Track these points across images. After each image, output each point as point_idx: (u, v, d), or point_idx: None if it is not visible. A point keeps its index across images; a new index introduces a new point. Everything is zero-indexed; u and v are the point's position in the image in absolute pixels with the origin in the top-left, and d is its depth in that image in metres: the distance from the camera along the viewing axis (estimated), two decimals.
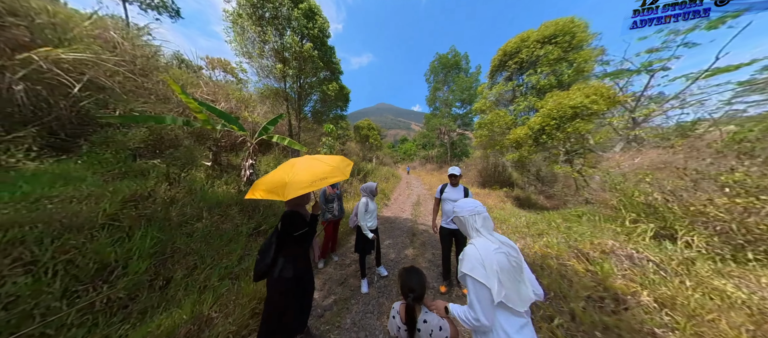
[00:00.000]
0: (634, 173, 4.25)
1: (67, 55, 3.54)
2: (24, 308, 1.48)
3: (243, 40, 8.02)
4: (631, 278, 2.43)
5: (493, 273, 0.89)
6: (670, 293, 2.07)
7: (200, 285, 2.32)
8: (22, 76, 3.06)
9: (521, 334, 0.89)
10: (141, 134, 4.01)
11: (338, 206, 3.44)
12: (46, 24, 3.82)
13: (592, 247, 3.04)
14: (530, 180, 9.66)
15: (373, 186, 2.93)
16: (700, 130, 5.52)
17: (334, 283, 3.06)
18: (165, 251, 2.47)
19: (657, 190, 3.47)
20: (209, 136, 5.38)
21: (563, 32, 8.70)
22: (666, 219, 3.20)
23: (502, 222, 5.47)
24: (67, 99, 3.54)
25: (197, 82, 7.12)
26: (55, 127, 3.44)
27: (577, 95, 6.23)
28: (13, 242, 1.66)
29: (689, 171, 3.37)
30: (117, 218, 2.42)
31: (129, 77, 4.72)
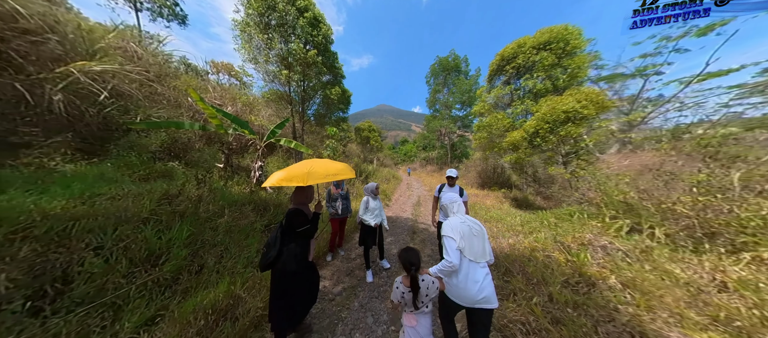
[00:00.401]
0: (618, 174, 4.61)
1: (98, 67, 3.89)
2: (98, 282, 1.84)
3: (250, 47, 8.38)
4: (603, 265, 2.78)
5: (457, 234, 1.45)
6: (632, 276, 2.42)
7: (229, 271, 2.68)
8: (62, 87, 3.41)
9: (481, 275, 1.40)
10: (160, 138, 4.35)
11: (343, 205, 3.69)
12: (77, 38, 4.16)
13: (573, 240, 3.39)
14: (528, 181, 10.01)
15: (373, 186, 3.28)
16: (699, 131, 5.72)
17: (342, 274, 3.41)
18: (197, 242, 2.82)
19: (633, 189, 3.82)
20: (218, 139, 5.73)
21: (557, 39, 9.06)
22: (641, 215, 3.55)
23: (498, 221, 5.82)
24: (95, 106, 3.88)
25: (205, 87, 7.47)
26: (84, 133, 3.79)
27: (569, 100, 6.59)
28: (86, 230, 2.02)
29: (662, 172, 3.72)
30: (156, 213, 2.77)
31: (145, 84, 5.08)
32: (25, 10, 3.37)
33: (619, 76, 9.90)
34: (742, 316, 1.85)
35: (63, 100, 3.48)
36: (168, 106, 5.96)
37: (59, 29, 3.91)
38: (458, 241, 1.42)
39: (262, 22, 8.02)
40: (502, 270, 3.30)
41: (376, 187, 3.32)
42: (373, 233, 3.14)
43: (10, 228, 1.78)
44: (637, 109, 9.16)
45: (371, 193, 3.23)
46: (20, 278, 1.60)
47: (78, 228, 2.00)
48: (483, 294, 1.33)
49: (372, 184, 3.30)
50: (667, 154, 4.78)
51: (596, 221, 4.09)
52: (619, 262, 2.70)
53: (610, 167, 6.10)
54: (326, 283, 3.11)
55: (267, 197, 4.95)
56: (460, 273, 1.39)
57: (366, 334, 2.23)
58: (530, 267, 3.17)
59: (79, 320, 1.62)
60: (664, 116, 8.47)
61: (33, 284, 1.64)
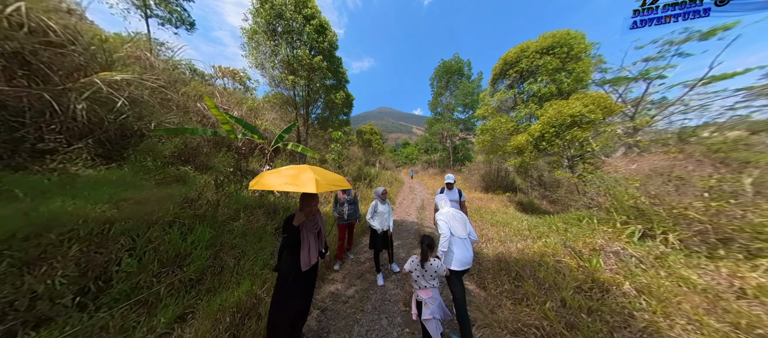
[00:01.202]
0: (627, 178, 4.61)
1: (118, 77, 4.04)
2: (133, 281, 1.92)
3: (257, 54, 8.58)
4: (617, 271, 2.79)
5: (447, 217, 2.21)
6: (647, 282, 2.43)
7: (248, 272, 2.74)
8: (86, 96, 3.54)
9: (470, 248, 2.13)
10: (174, 143, 4.47)
11: (350, 210, 3.64)
12: (98, 49, 4.33)
13: (584, 246, 3.40)
14: (533, 185, 9.98)
15: (379, 191, 3.38)
16: (705, 134, 5.71)
17: (353, 277, 3.45)
18: (217, 244, 2.89)
19: (644, 194, 3.82)
20: (225, 143, 5.86)
21: (560, 44, 9.13)
22: (652, 220, 3.55)
23: (504, 226, 5.82)
24: (113, 113, 4.02)
25: (213, 92, 7.65)
26: (103, 139, 3.92)
27: (576, 104, 6.62)
28: (121, 232, 2.11)
29: (673, 176, 3.73)
30: (179, 216, 2.86)
31: (158, 91, 5.24)
32: (53, 24, 3.53)
33: (623, 79, 9.91)
34: (763, 324, 1.85)
35: (85, 109, 3.62)
36: (178, 111, 6.12)
37: (81, 41, 4.08)
38: (448, 221, 2.16)
39: (269, 30, 8.22)
40: (512, 274, 3.32)
41: (384, 192, 3.39)
42: (382, 237, 3.21)
43: (61, 230, 1.90)
44: (642, 112, 9.15)
45: (378, 197, 3.34)
46: (71, 275, 1.70)
47: (115, 230, 2.10)
48: (470, 257, 2.10)
49: (380, 189, 3.39)
50: (676, 158, 4.79)
51: (607, 226, 4.08)
52: (632, 268, 2.70)
53: (617, 171, 6.09)
54: (338, 286, 3.15)
55: (276, 201, 5.03)
56: (458, 248, 2.08)
57: (382, 336, 2.26)
58: (541, 272, 3.18)
59: (121, 315, 1.71)
60: (668, 119, 8.45)
61: (79, 281, 1.73)
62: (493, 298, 2.90)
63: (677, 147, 5.79)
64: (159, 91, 5.42)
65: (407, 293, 2.97)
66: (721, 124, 6.32)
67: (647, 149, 7.19)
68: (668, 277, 2.45)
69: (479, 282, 3.40)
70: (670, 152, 5.61)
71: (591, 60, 9.10)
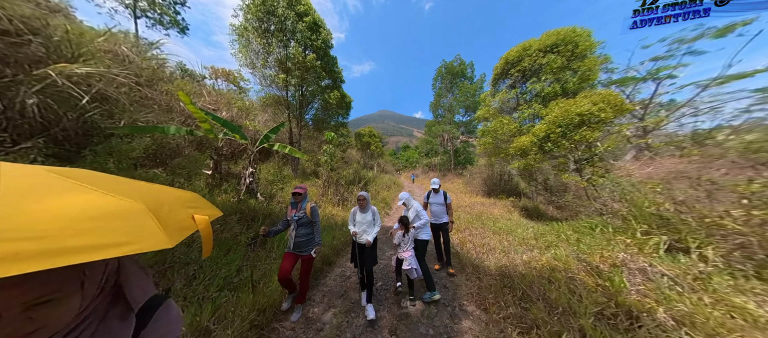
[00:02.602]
0: (644, 183, 4.12)
1: (80, 70, 3.68)
2: None
3: (247, 52, 8.27)
4: (645, 293, 2.29)
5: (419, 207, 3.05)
6: (688, 310, 1.94)
7: (199, 296, 2.28)
8: (37, 90, 3.18)
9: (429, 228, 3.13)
10: (144, 143, 4.08)
11: (301, 234, 2.37)
12: (63, 41, 4.00)
13: (602, 260, 2.91)
14: (538, 189, 9.47)
15: (359, 195, 2.79)
16: (720, 137, 5.31)
17: (334, 296, 2.97)
18: (164, 261, 2.44)
19: (668, 201, 3.33)
20: (210, 144, 5.47)
21: (565, 41, 8.73)
22: (680, 231, 3.06)
23: (508, 234, 5.33)
24: (74, 110, 3.65)
25: (200, 91, 7.31)
26: (60, 138, 3.53)
27: (583, 103, 6.17)
28: None
29: (703, 181, 3.24)
30: None
31: (135, 88, 4.88)
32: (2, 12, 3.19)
33: (631, 79, 9.46)
34: None
35: (37, 104, 3.25)
36: (159, 110, 5.75)
37: (44, 32, 3.74)
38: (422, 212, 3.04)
39: (260, 27, 7.92)
40: (518, 293, 2.83)
41: (364, 197, 2.77)
42: (366, 250, 2.64)
43: None
44: (650, 113, 8.68)
45: (358, 203, 2.79)
46: None
47: None
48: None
49: (362, 193, 2.83)
50: (700, 160, 4.30)
51: (624, 236, 3.59)
52: (665, 290, 2.21)
53: (630, 174, 5.60)
54: (315, 309, 2.68)
55: (256, 205, 4.59)
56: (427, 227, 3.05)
57: None
58: (552, 291, 2.69)
59: None
60: (678, 121, 7.98)
61: None
62: (495, 325, 2.42)
63: (697, 149, 5.31)
64: (136, 88, 5.07)
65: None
66: (736, 127, 5.87)
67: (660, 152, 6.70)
68: (715, 305, 1.96)
69: (479, 301, 2.91)
70: (690, 154, 5.12)
71: (597, 58, 8.68)
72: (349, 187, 8.80)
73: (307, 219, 2.43)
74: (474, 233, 5.57)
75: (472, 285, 3.31)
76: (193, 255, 2.66)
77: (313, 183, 8.09)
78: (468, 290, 3.23)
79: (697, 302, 2.02)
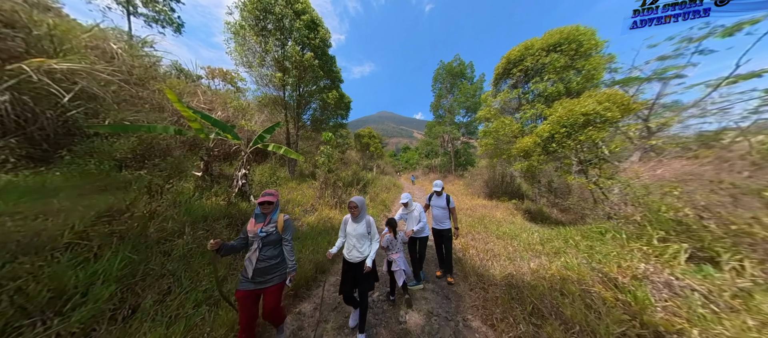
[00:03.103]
0: (659, 185, 3.88)
1: (59, 65, 3.47)
2: None
3: (243, 50, 8.08)
4: (675, 311, 2.05)
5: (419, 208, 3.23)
6: (731, 335, 1.69)
7: (171, 314, 2.03)
8: (8, 86, 2.97)
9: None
10: (129, 144, 3.86)
11: (266, 258, 1.78)
12: (44, 35, 3.80)
13: (620, 271, 2.67)
14: (541, 191, 9.23)
15: (350, 202, 2.18)
16: (727, 139, 5.14)
17: (327, 308, 2.72)
18: (136, 273, 2.20)
19: (688, 205, 3.09)
20: (202, 145, 5.25)
21: (569, 40, 8.53)
22: (702, 239, 2.82)
23: (513, 238, 5.09)
24: (55, 109, 3.44)
25: (194, 91, 7.10)
26: (37, 138, 3.32)
27: (588, 102, 5.95)
28: None
29: (725, 184, 3.00)
30: (86, 236, 2.18)
31: (123, 87, 4.67)
32: None
33: (636, 79, 9.24)
34: None
35: (10, 101, 3.04)
36: (150, 110, 5.54)
37: (23, 26, 3.54)
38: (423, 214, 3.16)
39: (257, 25, 7.74)
40: (527, 307, 2.59)
41: (355, 204, 2.17)
42: (359, 273, 2.11)
43: None
44: (654, 114, 8.47)
45: (350, 211, 2.21)
46: None
47: None
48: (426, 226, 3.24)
49: (356, 198, 2.22)
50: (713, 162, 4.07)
51: (639, 243, 3.34)
52: (698, 309, 1.97)
53: (639, 176, 5.36)
54: (306, 325, 2.43)
55: (248, 209, 4.36)
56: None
57: None
58: (566, 306, 2.45)
59: None
60: (684, 123, 7.76)
61: None
62: None
63: (706, 150, 5.10)
64: (124, 86, 4.86)
65: None
66: (744, 129, 5.65)
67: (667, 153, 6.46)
68: (762, 329, 1.71)
69: (486, 316, 2.67)
70: (702, 155, 4.89)
71: (602, 57, 8.47)
72: (348, 189, 8.56)
73: (276, 236, 1.81)
74: (477, 237, 5.33)
75: (476, 296, 3.07)
76: (170, 265, 2.42)
77: (310, 185, 7.85)
78: (472, 302, 2.99)
79: (740, 324, 1.77)
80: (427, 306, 2.88)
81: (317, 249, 4.05)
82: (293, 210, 5.89)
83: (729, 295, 1.98)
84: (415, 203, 3.23)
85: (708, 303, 1.99)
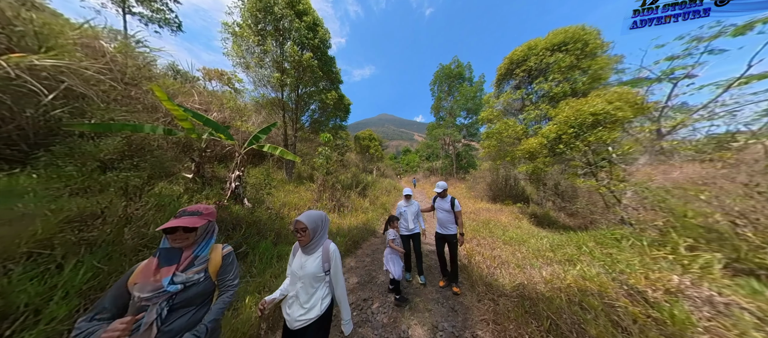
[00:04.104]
0: (681, 189, 3.61)
1: (41, 62, 3.29)
2: None
3: (241, 50, 7.95)
4: (721, 333, 1.77)
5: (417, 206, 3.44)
6: None
7: None
8: None
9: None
10: (115, 144, 3.64)
11: (183, 319, 0.99)
12: (28, 31, 3.63)
13: (649, 283, 2.39)
14: (547, 194, 8.94)
15: (298, 221, 1.26)
16: (739, 142, 4.91)
17: None
18: (106, 285, 1.95)
19: (718, 211, 2.82)
20: (195, 145, 5.04)
21: (574, 40, 8.36)
22: (737, 248, 2.54)
23: (521, 244, 4.81)
24: (36, 107, 3.24)
25: (190, 91, 6.94)
26: (15, 138, 3.11)
27: (597, 101, 5.73)
28: None
29: (761, 188, 2.73)
30: (50, 244, 1.94)
31: (114, 86, 4.48)
32: None
33: (644, 80, 9.03)
34: None
35: None
36: (143, 110, 5.36)
37: (7, 23, 3.37)
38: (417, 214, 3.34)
39: (256, 26, 7.61)
40: (545, 324, 2.31)
41: (300, 225, 1.26)
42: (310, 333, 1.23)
43: None
44: (665, 116, 8.22)
45: (296, 236, 1.31)
46: None
47: None
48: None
49: (306, 215, 1.31)
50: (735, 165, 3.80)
51: (663, 250, 3.06)
52: (752, 332, 1.69)
53: (652, 179, 5.08)
54: None
55: (241, 212, 4.12)
56: None
57: None
58: (590, 323, 2.17)
59: None
60: (693, 125, 7.51)
61: None
62: None
63: (731, 153, 4.84)
64: (115, 85, 4.68)
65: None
66: (755, 132, 5.42)
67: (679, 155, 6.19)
68: None
69: (497, 331, 2.39)
70: (724, 157, 4.61)
71: (609, 57, 8.26)
72: (347, 192, 8.31)
73: (204, 287, 1.05)
74: (482, 243, 5.05)
75: (485, 309, 2.79)
76: None
77: (308, 188, 7.61)
78: (481, 315, 2.71)
79: None
80: (431, 319, 2.61)
81: None
82: (289, 214, 5.64)
83: None
84: (414, 201, 3.42)
85: (762, 324, 1.71)
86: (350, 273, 3.74)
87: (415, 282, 3.38)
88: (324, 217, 1.39)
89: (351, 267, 3.92)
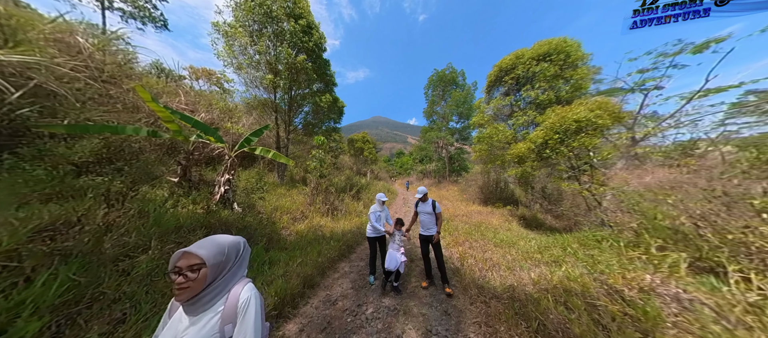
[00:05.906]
0: (652, 193, 3.91)
1: (7, 57, 3.04)
2: None
3: (232, 52, 7.73)
4: (686, 328, 1.93)
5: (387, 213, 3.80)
6: None
7: None
8: None
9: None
10: (92, 146, 3.43)
11: None
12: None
13: (626, 282, 2.56)
14: (535, 197, 9.31)
15: (196, 249, 0.78)
16: (700, 149, 5.40)
17: (315, 330, 2.42)
18: (83, 298, 1.83)
19: (684, 214, 3.08)
20: (181, 148, 4.84)
21: (557, 51, 8.84)
22: (700, 248, 2.78)
23: (511, 246, 4.98)
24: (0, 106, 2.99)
25: (176, 91, 6.66)
26: None
27: (580, 109, 6.08)
28: None
29: (717, 192, 3.02)
30: (18, 256, 1.80)
31: (91, 84, 4.22)
32: None
33: (619, 90, 9.70)
34: None
35: None
36: (123, 110, 5.07)
37: None
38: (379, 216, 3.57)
39: (250, 27, 7.44)
40: (533, 324, 2.41)
41: (199, 256, 0.76)
42: None
43: None
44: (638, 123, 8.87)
45: (175, 290, 0.75)
46: None
47: None
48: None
49: (200, 244, 0.80)
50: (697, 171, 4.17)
51: (637, 251, 3.29)
52: (710, 324, 1.86)
53: (627, 183, 5.45)
54: None
55: (229, 217, 3.99)
56: None
57: None
58: (574, 322, 2.29)
59: None
60: (662, 133, 8.17)
61: None
62: None
63: (686, 159, 5.31)
64: (92, 84, 4.40)
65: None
66: (714, 139, 6.01)
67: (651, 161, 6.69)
68: None
69: (489, 334, 2.46)
70: (688, 163, 5.03)
71: (589, 68, 8.80)
72: (341, 195, 8.25)
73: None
74: (474, 246, 5.18)
75: (478, 311, 2.87)
76: (129, 287, 2.06)
77: (301, 191, 7.49)
78: (474, 318, 2.78)
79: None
80: (425, 324, 2.65)
81: (306, 260, 3.74)
82: (281, 218, 5.52)
83: (740, 310, 1.89)
84: (385, 207, 3.84)
85: (719, 318, 1.89)
86: (343, 277, 3.71)
87: (377, 285, 3.37)
88: (238, 245, 0.86)
89: (345, 272, 3.89)
